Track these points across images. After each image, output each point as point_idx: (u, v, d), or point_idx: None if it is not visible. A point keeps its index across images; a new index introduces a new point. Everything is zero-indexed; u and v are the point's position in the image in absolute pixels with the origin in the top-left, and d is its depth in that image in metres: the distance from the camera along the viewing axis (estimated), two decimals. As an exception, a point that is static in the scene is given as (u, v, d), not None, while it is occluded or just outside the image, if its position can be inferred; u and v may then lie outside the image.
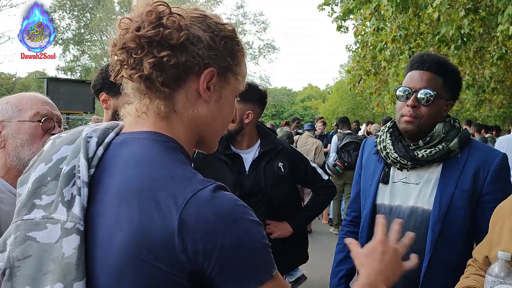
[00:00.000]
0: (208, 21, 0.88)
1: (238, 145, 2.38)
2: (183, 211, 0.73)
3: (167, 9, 0.84)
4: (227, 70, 0.90)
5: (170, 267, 0.74)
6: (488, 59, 7.90)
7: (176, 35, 0.82)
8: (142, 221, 0.74)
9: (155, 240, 0.73)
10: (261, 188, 2.30)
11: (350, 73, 10.22)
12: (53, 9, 24.95)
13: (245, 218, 0.78)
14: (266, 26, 27.60)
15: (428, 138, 1.65)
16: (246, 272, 0.77)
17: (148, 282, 0.74)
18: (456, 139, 1.64)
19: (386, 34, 6.81)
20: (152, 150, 0.82)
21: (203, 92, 0.87)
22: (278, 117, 39.68)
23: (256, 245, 0.78)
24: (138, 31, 0.82)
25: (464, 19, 5.32)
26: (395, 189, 1.71)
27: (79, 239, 0.76)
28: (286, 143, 2.55)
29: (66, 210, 0.78)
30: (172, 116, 0.87)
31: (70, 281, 0.74)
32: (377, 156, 1.80)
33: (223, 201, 0.77)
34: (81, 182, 0.80)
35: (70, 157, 0.83)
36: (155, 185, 0.77)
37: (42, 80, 13.56)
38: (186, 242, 0.73)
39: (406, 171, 1.70)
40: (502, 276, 1.20)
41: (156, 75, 0.83)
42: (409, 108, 1.62)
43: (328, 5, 9.27)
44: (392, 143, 1.73)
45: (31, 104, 1.46)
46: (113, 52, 0.86)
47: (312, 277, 4.92)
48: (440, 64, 1.66)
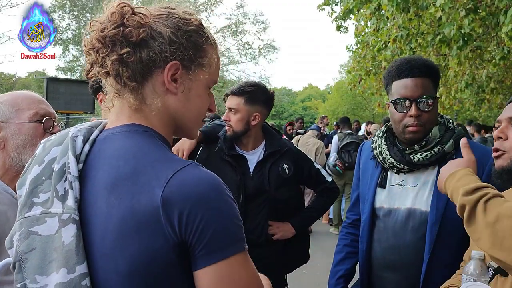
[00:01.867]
0: (173, 17, 0.95)
1: (243, 146, 2.37)
2: (165, 188, 0.81)
3: (130, 9, 0.91)
4: (191, 63, 0.95)
5: (157, 241, 0.81)
6: (488, 59, 7.90)
7: (136, 33, 0.89)
8: (129, 204, 0.82)
9: (142, 218, 0.81)
10: (265, 190, 2.29)
11: (351, 74, 10.20)
12: (53, 9, 24.93)
13: (225, 192, 0.86)
14: (266, 26, 27.53)
15: (424, 143, 1.66)
16: (225, 240, 0.84)
17: (139, 259, 0.82)
18: (451, 141, 1.66)
19: (387, 34, 6.80)
20: (133, 141, 0.90)
21: (168, 84, 0.94)
22: (278, 117, 39.66)
23: (235, 217, 0.86)
24: (102, 31, 0.90)
25: (465, 19, 5.31)
26: (392, 192, 1.73)
27: (75, 227, 0.85)
28: (291, 144, 2.53)
29: (61, 204, 0.87)
30: (143, 107, 0.95)
31: (73, 265, 0.83)
32: (375, 161, 1.82)
33: (203, 174, 0.85)
34: (72, 177, 0.88)
35: (59, 156, 0.92)
36: (139, 171, 0.84)
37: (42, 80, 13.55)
38: (170, 214, 0.80)
39: (403, 174, 1.72)
40: (476, 274, 1.23)
41: (122, 71, 0.91)
42: (413, 118, 1.63)
43: (328, 5, 9.25)
44: (388, 148, 1.74)
45: (27, 104, 1.46)
46: (84, 53, 0.94)
47: (312, 277, 4.92)
48: (428, 66, 1.68)
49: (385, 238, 1.72)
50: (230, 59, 27.68)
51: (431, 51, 7.66)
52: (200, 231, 0.81)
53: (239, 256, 0.85)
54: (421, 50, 7.10)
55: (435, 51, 7.59)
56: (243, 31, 26.92)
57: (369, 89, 10.91)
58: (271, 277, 2.33)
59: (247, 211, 2.28)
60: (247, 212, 2.28)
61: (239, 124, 2.29)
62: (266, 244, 2.31)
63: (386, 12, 5.97)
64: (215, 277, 0.83)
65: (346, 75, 18.57)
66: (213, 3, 26.36)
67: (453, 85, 8.80)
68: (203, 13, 26.65)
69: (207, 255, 0.82)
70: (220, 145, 2.34)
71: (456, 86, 8.67)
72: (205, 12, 26.70)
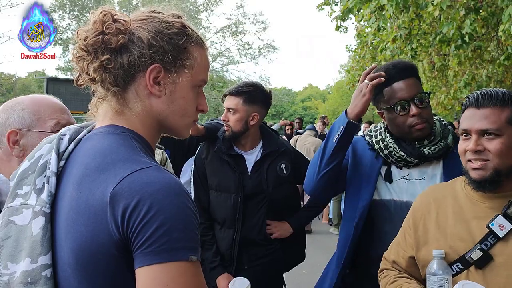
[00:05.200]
0: (154, 21, 0.97)
1: (241, 146, 2.38)
2: (117, 185, 0.83)
3: (111, 17, 0.94)
4: (172, 65, 0.97)
5: (101, 236, 0.82)
6: (488, 59, 7.89)
7: (115, 40, 0.92)
8: (85, 199, 0.86)
9: (91, 211, 0.84)
10: (263, 189, 2.31)
11: (350, 73, 10.22)
12: (53, 9, 24.91)
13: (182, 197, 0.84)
14: (266, 26, 27.50)
15: (432, 137, 1.73)
16: (166, 244, 0.80)
17: (83, 252, 0.84)
18: (450, 136, 1.76)
19: (387, 34, 6.80)
20: (106, 140, 0.93)
21: (150, 88, 0.96)
22: (278, 117, 39.64)
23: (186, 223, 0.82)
24: (85, 40, 0.93)
25: (466, 18, 5.30)
26: (399, 186, 1.76)
27: (44, 220, 0.89)
28: (288, 144, 2.55)
29: (36, 196, 0.92)
30: (125, 111, 0.97)
31: (36, 255, 0.87)
32: (374, 153, 1.83)
33: (162, 176, 0.85)
34: (50, 172, 0.94)
35: (45, 153, 0.97)
36: (102, 168, 0.87)
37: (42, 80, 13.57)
38: (115, 209, 0.81)
39: (407, 169, 1.76)
40: (440, 273, 1.28)
41: (105, 76, 0.94)
42: (416, 117, 1.68)
43: (327, 5, 9.25)
44: (395, 142, 1.77)
45: (50, 113, 1.42)
46: (73, 61, 0.97)
47: (312, 277, 4.92)
48: (412, 66, 1.79)
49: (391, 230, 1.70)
50: (230, 59, 27.69)
51: (432, 50, 7.66)
52: (140, 228, 0.80)
53: (181, 265, 0.80)
54: (422, 50, 7.11)
55: (437, 51, 7.60)
56: (243, 31, 26.92)
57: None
58: (269, 275, 2.36)
59: (245, 210, 2.30)
60: (246, 212, 2.30)
61: (238, 124, 2.29)
62: (264, 243, 2.33)
63: (387, 12, 5.96)
64: (148, 279, 0.80)
65: (345, 74, 18.57)
66: (213, 3, 26.35)
67: (453, 85, 8.80)
68: (203, 13, 26.68)
69: (143, 255, 0.80)
70: (219, 145, 2.34)
71: (456, 86, 8.68)
72: (205, 12, 26.72)
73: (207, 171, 2.40)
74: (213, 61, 26.74)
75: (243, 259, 2.31)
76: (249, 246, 2.31)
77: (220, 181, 2.34)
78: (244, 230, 2.29)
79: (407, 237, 1.50)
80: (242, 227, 2.29)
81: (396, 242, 1.56)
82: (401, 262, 1.51)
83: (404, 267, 1.50)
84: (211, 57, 26.60)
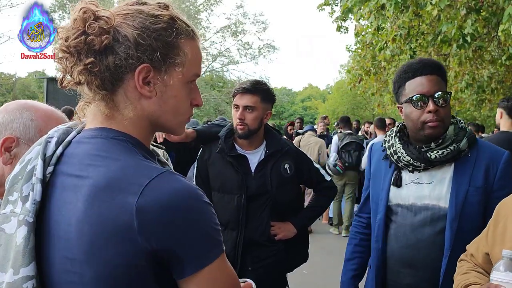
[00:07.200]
0: (140, 16, 0.89)
1: (244, 146, 2.36)
2: (140, 197, 0.79)
3: (92, 14, 0.86)
4: (162, 64, 0.90)
5: (129, 248, 0.79)
6: (488, 59, 7.88)
7: (98, 41, 0.85)
8: (99, 211, 0.80)
9: (113, 225, 0.79)
10: (266, 190, 2.29)
11: (350, 73, 10.20)
12: (53, 9, 24.91)
13: (201, 198, 0.85)
14: (266, 26, 27.49)
15: (440, 141, 1.71)
16: (207, 246, 0.83)
17: (108, 268, 0.80)
18: (465, 139, 1.72)
19: (387, 33, 6.79)
20: (103, 146, 0.88)
21: (140, 89, 0.89)
22: (278, 117, 39.63)
23: (212, 222, 0.85)
24: (66, 41, 0.86)
25: (467, 18, 5.29)
26: (408, 190, 1.76)
27: (27, 230, 0.84)
28: (291, 144, 2.54)
29: (21, 204, 0.87)
30: (115, 114, 0.91)
31: (18, 266, 0.83)
32: (387, 162, 1.85)
33: (179, 182, 0.83)
34: (35, 179, 0.88)
35: (34, 157, 0.91)
36: (110, 177, 0.82)
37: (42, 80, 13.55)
38: (144, 223, 0.78)
39: (418, 173, 1.76)
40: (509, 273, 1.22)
41: (91, 79, 0.87)
42: (432, 114, 1.67)
43: (328, 5, 9.27)
44: (403, 146, 1.78)
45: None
46: (56, 62, 0.91)
47: (312, 277, 4.92)
48: (438, 65, 1.77)
49: (402, 234, 1.74)
50: (230, 59, 27.67)
51: (431, 50, 7.65)
52: (182, 239, 0.81)
53: (220, 258, 0.86)
54: (422, 50, 7.10)
55: (436, 51, 7.59)
56: (243, 31, 26.91)
57: (369, 89, 10.91)
58: (273, 277, 2.35)
59: (249, 211, 2.28)
60: (249, 212, 2.28)
61: (255, 122, 2.27)
62: (268, 244, 2.31)
63: (387, 12, 5.95)
64: (203, 282, 0.83)
65: (346, 75, 18.57)
66: (213, 3, 26.35)
67: (453, 85, 8.79)
68: (203, 13, 26.67)
69: (191, 262, 0.82)
70: (221, 146, 2.32)
71: (457, 86, 8.66)
72: (205, 12, 26.71)
73: (210, 172, 2.38)
74: (213, 61, 26.72)
75: (246, 260, 2.29)
76: (253, 248, 2.30)
77: (223, 182, 2.32)
78: (247, 231, 2.28)
79: (489, 233, 1.46)
80: (246, 228, 2.27)
81: (479, 236, 1.52)
82: (478, 257, 1.47)
83: (480, 262, 1.47)
84: (211, 57, 26.60)
